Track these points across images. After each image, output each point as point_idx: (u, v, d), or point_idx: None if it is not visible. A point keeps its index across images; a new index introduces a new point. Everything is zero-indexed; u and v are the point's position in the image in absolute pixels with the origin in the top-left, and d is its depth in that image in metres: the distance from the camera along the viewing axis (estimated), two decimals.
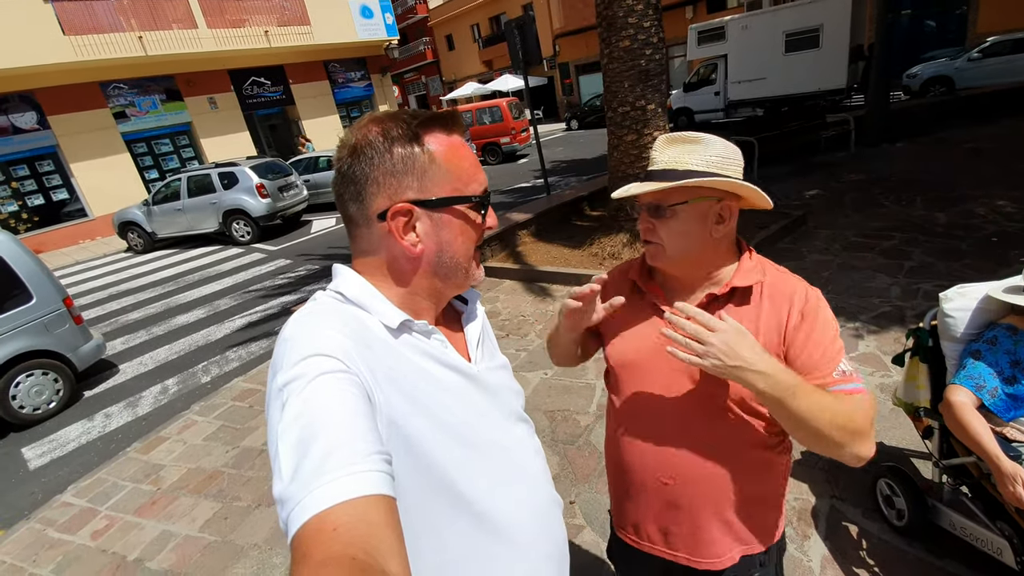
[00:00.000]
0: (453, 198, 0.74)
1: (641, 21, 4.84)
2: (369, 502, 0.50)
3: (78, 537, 2.86)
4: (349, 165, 0.72)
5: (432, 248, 0.75)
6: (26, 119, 12.35)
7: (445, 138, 0.74)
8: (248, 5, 14.81)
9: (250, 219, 9.91)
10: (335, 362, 0.61)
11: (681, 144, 0.99)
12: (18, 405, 4.27)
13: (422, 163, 0.72)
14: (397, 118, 0.73)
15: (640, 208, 1.03)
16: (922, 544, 1.99)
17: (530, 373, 3.69)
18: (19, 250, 4.31)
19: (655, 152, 1.01)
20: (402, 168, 0.71)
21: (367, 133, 0.72)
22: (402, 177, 0.71)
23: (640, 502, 1.11)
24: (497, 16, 27.40)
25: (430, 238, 0.75)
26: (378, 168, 0.71)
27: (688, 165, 0.96)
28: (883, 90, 8.70)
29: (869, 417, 0.89)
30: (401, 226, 0.72)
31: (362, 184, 0.72)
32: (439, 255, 0.76)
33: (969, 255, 4.36)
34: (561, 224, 6.59)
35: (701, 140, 0.99)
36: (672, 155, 0.98)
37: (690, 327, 0.85)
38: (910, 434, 2.49)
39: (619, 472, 1.15)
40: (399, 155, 0.71)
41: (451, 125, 0.76)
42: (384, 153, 0.71)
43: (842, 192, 6.68)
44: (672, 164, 0.97)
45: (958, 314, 1.76)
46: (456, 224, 0.76)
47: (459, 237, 0.77)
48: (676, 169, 0.96)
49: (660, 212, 0.98)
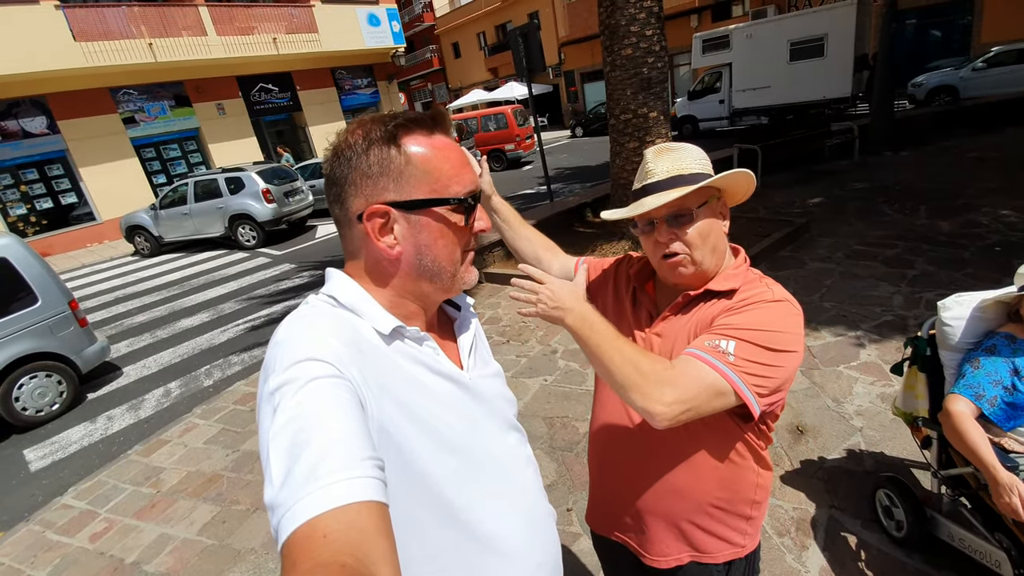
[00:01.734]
0: (430, 200, 0.73)
1: (643, 30, 4.86)
2: (361, 509, 0.49)
3: (77, 539, 2.86)
4: (331, 167, 0.73)
5: (411, 251, 0.74)
6: (36, 123, 12.49)
7: (425, 139, 0.73)
8: (257, 13, 14.97)
9: (256, 224, 9.98)
10: (327, 367, 0.60)
11: (670, 153, 1.01)
12: (21, 407, 4.30)
13: (398, 165, 0.71)
14: (379, 120, 0.73)
15: (654, 222, 1.00)
16: (921, 555, 1.97)
17: (530, 379, 3.68)
18: (25, 253, 4.35)
19: (651, 164, 1.01)
20: (378, 170, 0.71)
21: (349, 136, 0.73)
22: (378, 179, 0.71)
23: (601, 491, 1.22)
24: (503, 24, 27.58)
25: (408, 240, 0.74)
26: (356, 170, 0.71)
27: (690, 168, 0.98)
28: (887, 99, 8.70)
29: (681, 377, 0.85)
30: (378, 228, 0.72)
31: (341, 186, 0.72)
32: (419, 258, 0.75)
33: (972, 264, 4.34)
34: (564, 231, 6.60)
35: (682, 147, 1.02)
36: (669, 164, 0.99)
37: (527, 284, 0.97)
38: (909, 444, 2.48)
39: (590, 463, 1.26)
40: (375, 157, 0.71)
41: (433, 126, 0.75)
42: (361, 155, 0.71)
43: (845, 200, 6.66)
44: (675, 171, 0.98)
45: (956, 323, 1.75)
46: (435, 227, 0.74)
47: (439, 240, 0.75)
48: (683, 174, 0.98)
49: (683, 219, 0.98)
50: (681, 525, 1.06)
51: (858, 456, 2.55)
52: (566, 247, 1.37)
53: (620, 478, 1.13)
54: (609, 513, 1.19)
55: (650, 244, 1.03)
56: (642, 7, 4.81)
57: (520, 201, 10.49)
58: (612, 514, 1.17)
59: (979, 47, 14.02)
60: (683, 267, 1.00)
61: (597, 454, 1.20)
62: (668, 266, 1.01)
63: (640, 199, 1.01)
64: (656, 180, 0.99)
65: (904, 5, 13.22)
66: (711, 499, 1.03)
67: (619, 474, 1.13)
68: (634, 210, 1.00)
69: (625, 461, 1.10)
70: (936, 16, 15.63)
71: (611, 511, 1.18)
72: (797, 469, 2.51)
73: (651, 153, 1.02)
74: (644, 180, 1.01)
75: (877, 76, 8.78)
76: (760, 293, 0.97)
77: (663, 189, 0.97)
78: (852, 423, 2.77)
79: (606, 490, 1.20)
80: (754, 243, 5.20)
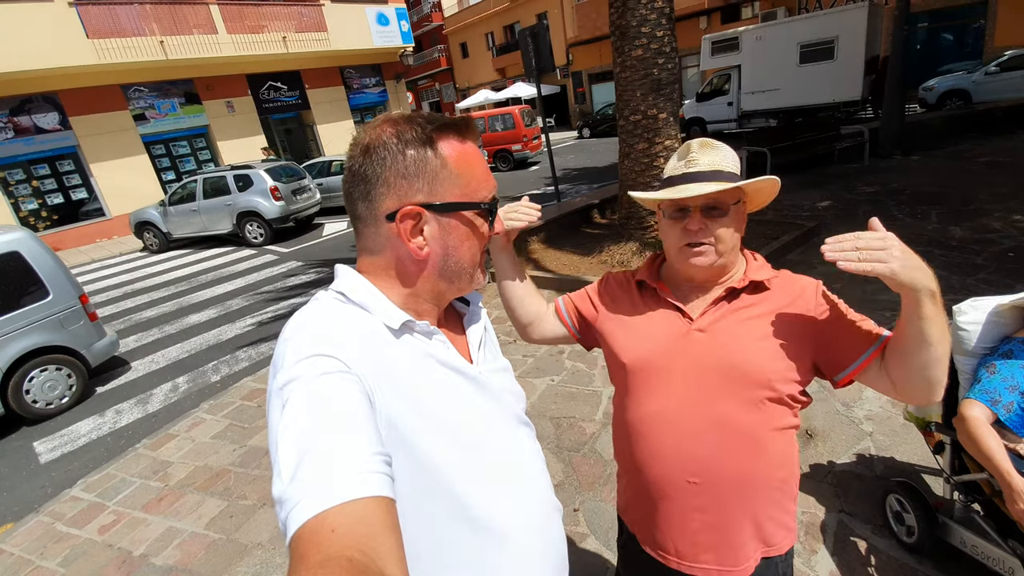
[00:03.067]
0: (462, 204, 0.74)
1: (654, 31, 4.85)
2: (368, 504, 0.50)
3: (85, 531, 2.89)
4: (360, 164, 0.73)
5: (438, 252, 0.75)
6: (48, 120, 12.62)
7: (458, 144, 0.75)
8: (267, 11, 15.06)
9: (263, 221, 10.03)
10: (336, 363, 0.61)
11: (712, 148, 1.03)
12: (31, 399, 4.34)
13: (434, 167, 0.72)
14: (412, 121, 0.73)
15: (688, 210, 1.02)
16: (932, 562, 1.95)
17: (536, 379, 3.68)
18: (38, 247, 4.39)
19: (695, 154, 1.03)
20: (414, 171, 0.71)
21: (381, 133, 0.72)
22: (413, 180, 0.72)
23: (663, 510, 1.06)
24: (511, 25, 27.63)
25: (437, 242, 0.75)
26: (390, 169, 0.71)
27: (729, 168, 1.02)
28: (899, 102, 8.63)
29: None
30: (409, 228, 0.72)
31: (372, 183, 0.72)
32: (444, 259, 0.76)
33: (984, 269, 4.30)
34: (571, 231, 6.59)
35: (722, 145, 1.05)
36: (712, 157, 1.02)
37: (860, 242, 0.79)
38: (919, 450, 2.46)
39: (639, 480, 1.09)
40: (411, 157, 0.71)
41: (465, 132, 0.76)
42: (397, 155, 0.71)
43: (855, 204, 6.62)
44: (717, 166, 1.01)
45: (972, 327, 1.73)
46: (463, 230, 0.76)
47: (465, 243, 0.77)
48: (723, 171, 1.00)
49: (719, 212, 1.00)
50: (758, 519, 1.02)
51: (868, 461, 2.53)
52: (573, 248, 1.38)
53: (702, 482, 1.01)
54: (678, 531, 1.05)
55: (676, 231, 1.04)
56: (653, 8, 4.80)
57: None
58: (683, 534, 1.05)
59: (992, 51, 13.90)
60: (705, 257, 1.01)
61: (661, 463, 1.04)
62: (690, 254, 1.02)
63: (678, 185, 1.02)
64: (699, 170, 1.01)
65: (917, 8, 13.12)
66: (775, 481, 1.02)
67: (699, 476, 1.01)
68: (676, 193, 1.01)
69: (709, 461, 1.00)
70: (949, 19, 15.50)
71: (683, 529, 1.04)
72: (806, 473, 2.50)
73: (696, 144, 1.05)
74: (687, 168, 1.02)
75: (888, 79, 8.70)
76: (807, 280, 1.06)
77: (705, 180, 0.99)
78: (862, 427, 2.74)
79: (674, 503, 1.04)
80: (763, 246, 5.18)
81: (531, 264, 5.80)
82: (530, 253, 6.11)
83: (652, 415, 1.05)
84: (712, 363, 1.00)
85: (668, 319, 1.07)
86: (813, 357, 1.00)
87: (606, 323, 1.16)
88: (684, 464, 1.01)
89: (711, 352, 1.00)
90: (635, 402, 1.08)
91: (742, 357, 0.98)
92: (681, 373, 1.02)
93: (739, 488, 1.00)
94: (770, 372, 0.97)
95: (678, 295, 1.09)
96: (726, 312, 1.03)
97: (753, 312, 1.02)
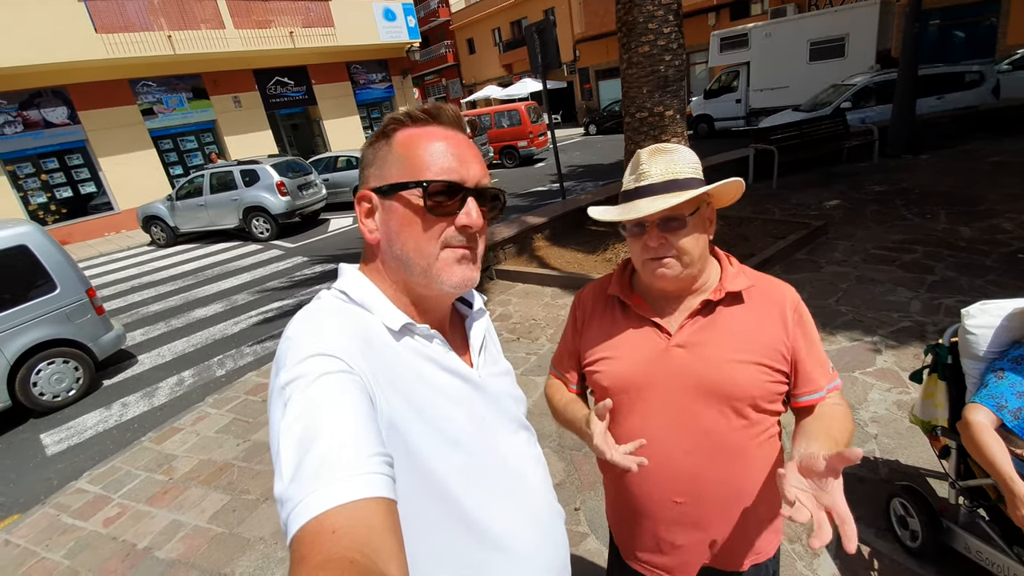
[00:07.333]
0: (398, 184, 0.72)
1: (661, 27, 4.81)
2: (369, 505, 0.49)
3: (90, 524, 2.91)
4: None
5: (384, 237, 0.75)
6: (57, 114, 12.70)
7: (413, 129, 0.75)
8: (274, 6, 15.07)
9: (269, 216, 10.07)
10: (338, 362, 0.61)
11: (664, 154, 0.99)
12: (38, 392, 4.38)
13: (383, 152, 0.75)
14: (391, 116, 0.77)
15: (645, 225, 0.98)
16: (935, 567, 1.94)
17: (539, 377, 3.68)
18: (45, 241, 4.42)
19: (645, 166, 0.98)
20: (371, 159, 0.76)
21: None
22: (369, 167, 0.76)
23: (648, 528, 1.06)
24: (518, 20, 27.51)
25: (383, 226, 0.75)
26: (361, 161, 0.78)
27: (684, 173, 0.97)
28: (908, 101, 8.52)
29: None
30: (364, 212, 0.76)
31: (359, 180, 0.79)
32: (390, 245, 0.74)
33: (994, 271, 4.25)
34: (576, 229, 6.57)
35: (676, 148, 1.01)
36: (663, 167, 0.97)
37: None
38: (926, 453, 2.43)
39: (625, 499, 1.10)
40: (372, 148, 0.77)
41: (429, 119, 0.75)
42: (367, 148, 0.77)
43: (863, 203, 6.55)
44: (670, 175, 0.96)
45: (981, 331, 1.71)
46: (401, 212, 0.72)
47: (405, 227, 0.72)
48: (678, 179, 0.96)
49: (676, 224, 0.96)
50: (747, 531, 1.02)
51: (872, 463, 2.51)
52: (578, 246, 1.36)
53: (688, 500, 1.02)
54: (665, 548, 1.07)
55: (638, 246, 1.01)
56: (660, 4, 4.75)
57: (532, 199, 10.47)
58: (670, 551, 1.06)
59: (1005, 49, 13.70)
60: (669, 270, 0.98)
61: (646, 484, 1.04)
62: (655, 267, 0.99)
63: (632, 200, 0.99)
64: (650, 183, 0.97)
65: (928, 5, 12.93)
66: (763, 490, 1.01)
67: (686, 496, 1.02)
68: (627, 213, 0.97)
69: (696, 480, 1.01)
70: (961, 16, 15.27)
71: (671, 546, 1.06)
72: None
73: (645, 154, 1.00)
74: (638, 182, 0.99)
75: (899, 77, 8.59)
76: (786, 290, 1.04)
77: (657, 192, 0.96)
78: (867, 430, 2.72)
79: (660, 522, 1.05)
80: (769, 245, 5.14)
81: (536, 262, 5.80)
82: (535, 251, 6.11)
83: (635, 436, 1.01)
84: (693, 382, 0.99)
85: (646, 336, 1.05)
86: (787, 368, 1.01)
87: (586, 347, 1.13)
88: (670, 484, 1.02)
89: (691, 369, 0.99)
90: (617, 423, 1.06)
91: (724, 375, 0.97)
92: (663, 391, 1.01)
93: (727, 503, 1.00)
94: (753, 388, 0.97)
95: (654, 308, 1.06)
96: (704, 325, 1.01)
97: (732, 326, 1.00)
